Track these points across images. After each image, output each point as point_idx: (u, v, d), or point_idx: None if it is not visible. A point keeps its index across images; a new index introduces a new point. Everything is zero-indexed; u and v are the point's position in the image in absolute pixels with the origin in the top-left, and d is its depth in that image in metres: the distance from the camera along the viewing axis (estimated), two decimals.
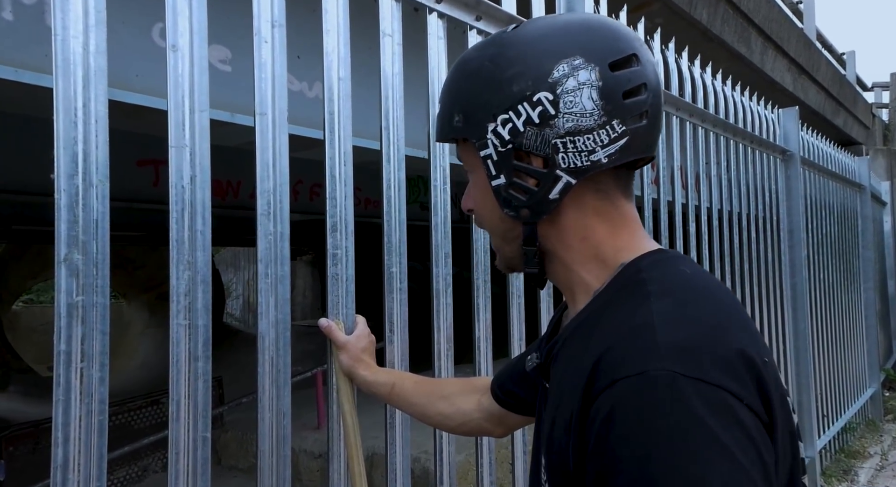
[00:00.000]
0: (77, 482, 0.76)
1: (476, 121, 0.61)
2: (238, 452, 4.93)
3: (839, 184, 4.26)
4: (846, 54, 9.05)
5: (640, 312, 0.53)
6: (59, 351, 0.76)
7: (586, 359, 0.53)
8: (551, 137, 0.58)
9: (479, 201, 0.67)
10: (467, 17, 1.36)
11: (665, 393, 0.46)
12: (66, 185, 0.77)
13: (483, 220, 0.68)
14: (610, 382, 0.49)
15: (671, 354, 0.48)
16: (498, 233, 0.67)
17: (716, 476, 0.44)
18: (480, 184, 0.65)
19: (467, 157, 0.66)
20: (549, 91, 0.57)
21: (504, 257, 0.69)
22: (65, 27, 0.78)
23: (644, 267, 0.59)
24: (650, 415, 0.46)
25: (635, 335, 0.51)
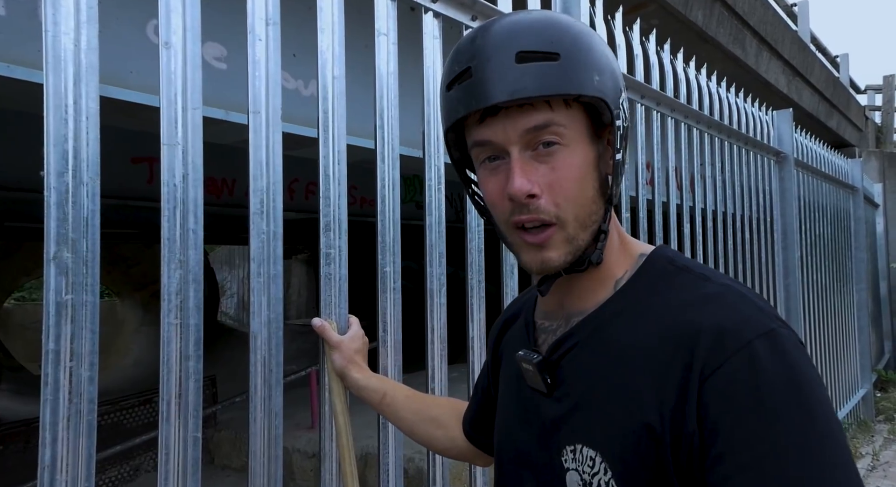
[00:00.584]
0: (65, 482, 0.76)
1: (613, 87, 0.59)
2: (231, 451, 4.92)
3: (832, 186, 4.28)
4: (840, 57, 9.09)
5: (721, 288, 0.57)
6: (48, 350, 0.75)
7: (665, 338, 0.55)
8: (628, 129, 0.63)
9: (574, 178, 0.58)
10: (463, 16, 1.36)
11: (794, 346, 0.53)
12: (55, 183, 0.77)
13: (570, 202, 0.58)
14: (742, 345, 0.51)
15: (774, 315, 0.55)
16: (582, 218, 0.59)
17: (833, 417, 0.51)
18: (579, 159, 0.58)
19: (569, 125, 0.58)
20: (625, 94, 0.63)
21: (576, 248, 0.60)
22: (56, 23, 0.77)
23: (673, 257, 0.63)
24: (796, 366, 0.51)
25: (738, 304, 0.55)
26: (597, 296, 0.63)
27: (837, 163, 4.42)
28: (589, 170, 0.59)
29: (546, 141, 0.57)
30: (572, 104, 0.58)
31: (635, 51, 2.01)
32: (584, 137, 0.59)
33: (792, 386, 0.50)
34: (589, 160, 0.59)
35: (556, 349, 0.63)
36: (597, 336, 0.60)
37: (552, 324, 0.67)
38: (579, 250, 0.60)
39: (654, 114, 2.08)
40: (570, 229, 0.59)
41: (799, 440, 0.48)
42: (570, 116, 0.58)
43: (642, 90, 1.99)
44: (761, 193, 2.97)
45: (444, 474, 1.29)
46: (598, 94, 0.57)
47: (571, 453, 0.59)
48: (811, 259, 3.65)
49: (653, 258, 0.63)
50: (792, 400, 0.49)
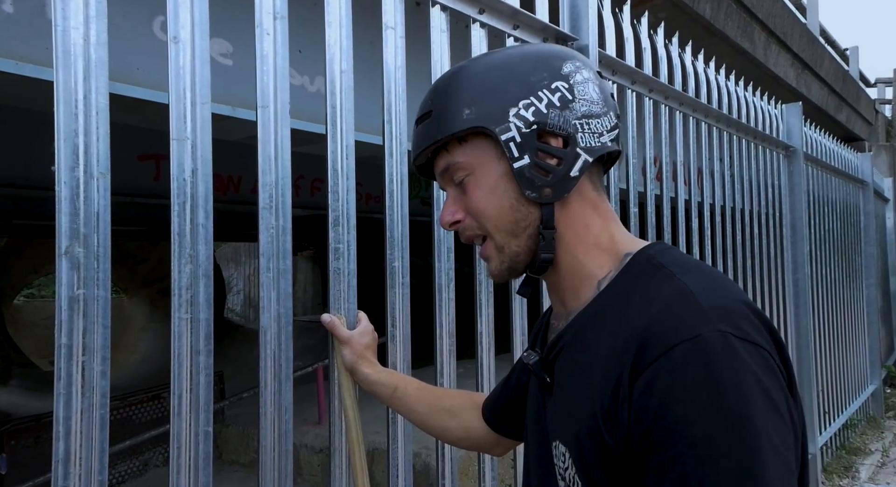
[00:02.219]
0: (78, 475, 0.76)
1: (494, 110, 0.64)
2: (239, 447, 4.95)
3: (842, 181, 4.24)
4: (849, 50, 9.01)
5: (673, 286, 0.57)
6: (61, 345, 0.76)
7: (620, 340, 0.55)
8: (571, 118, 0.64)
9: (483, 197, 0.66)
10: (470, 10, 1.35)
11: (723, 353, 0.50)
12: (66, 178, 0.77)
13: (485, 218, 0.66)
14: (664, 351, 0.51)
15: (717, 317, 0.52)
16: (505, 227, 0.66)
17: (772, 426, 0.49)
18: (485, 179, 0.65)
19: (467, 157, 0.66)
20: (564, 81, 0.65)
21: (510, 254, 0.67)
22: (65, 18, 0.77)
23: (654, 254, 0.63)
24: (715, 373, 0.49)
25: (678, 304, 0.54)
26: (584, 296, 0.65)
27: (847, 158, 4.39)
28: (500, 184, 0.65)
29: (456, 178, 0.68)
30: (467, 138, 0.65)
31: (643, 44, 2.00)
32: (491, 157, 0.65)
33: (707, 396, 0.48)
34: (498, 175, 0.65)
35: (552, 349, 0.66)
36: (578, 336, 0.63)
37: (558, 324, 0.69)
38: (516, 255, 0.66)
39: (663, 108, 2.07)
40: (497, 238, 0.66)
41: (707, 450, 0.48)
42: (469, 148, 0.66)
43: (650, 84, 1.98)
44: (770, 188, 2.95)
45: (452, 469, 1.29)
46: (469, 125, 0.64)
47: (555, 449, 0.63)
48: (820, 254, 3.62)
49: (636, 257, 0.64)
50: (707, 409, 0.48)
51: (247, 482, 4.53)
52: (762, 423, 0.48)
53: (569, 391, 0.62)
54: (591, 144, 0.64)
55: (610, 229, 0.67)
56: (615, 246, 0.66)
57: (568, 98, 0.64)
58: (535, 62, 0.65)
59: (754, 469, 0.47)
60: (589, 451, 0.56)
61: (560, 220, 0.66)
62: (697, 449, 0.48)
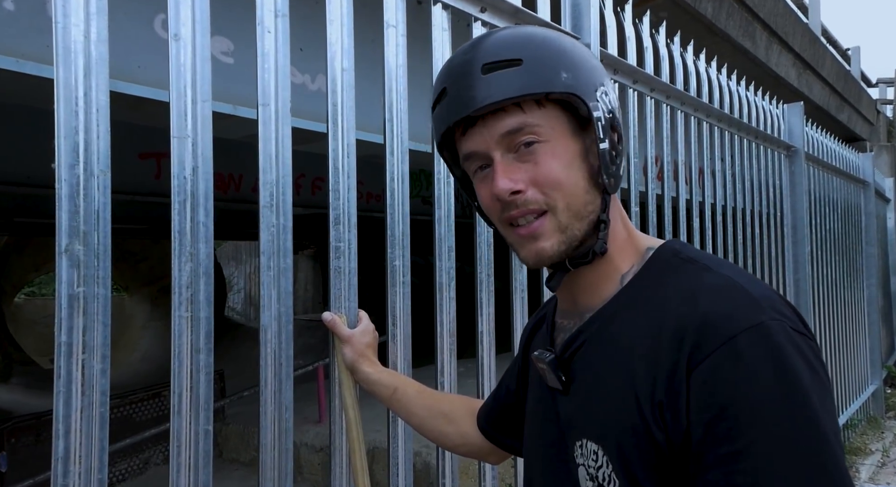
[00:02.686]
0: (78, 474, 0.76)
1: (587, 84, 0.61)
2: (239, 445, 4.95)
3: (843, 181, 4.24)
4: (851, 50, 9.00)
5: (717, 279, 0.56)
6: (60, 343, 0.75)
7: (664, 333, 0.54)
8: (617, 119, 0.64)
9: (560, 170, 0.60)
10: (472, 8, 1.35)
11: (787, 341, 0.50)
12: (67, 175, 0.77)
13: (560, 193, 0.60)
14: (725, 339, 0.50)
15: (770, 307, 0.53)
16: (576, 208, 0.60)
17: (830, 416, 0.50)
18: (563, 151, 0.60)
19: (546, 123, 0.60)
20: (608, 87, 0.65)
21: (570, 237, 0.61)
22: (66, 15, 0.77)
23: (680, 249, 0.62)
24: (782, 360, 0.49)
25: (730, 295, 0.54)
26: (605, 292, 0.63)
27: (848, 158, 4.38)
28: (575, 162, 0.61)
29: (525, 141, 0.60)
30: (545, 103, 0.60)
31: (645, 43, 2.00)
32: (566, 132, 0.61)
33: (776, 383, 0.48)
34: (573, 152, 0.61)
35: (568, 346, 0.64)
36: (603, 332, 0.61)
37: (569, 323, 0.68)
38: (575, 240, 0.61)
39: (664, 107, 2.06)
40: (563, 217, 0.60)
41: (780, 439, 0.47)
42: (546, 115, 0.61)
43: (652, 83, 1.97)
44: (771, 187, 2.94)
45: (453, 468, 1.29)
46: (567, 90, 0.59)
47: (580, 448, 0.61)
48: (821, 254, 3.62)
49: (660, 251, 0.63)
50: (776, 398, 0.48)
51: (247, 480, 4.53)
52: (825, 413, 0.49)
53: (597, 388, 0.60)
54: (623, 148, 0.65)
55: (629, 226, 0.67)
56: (636, 242, 0.66)
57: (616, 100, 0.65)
58: (593, 56, 0.65)
59: (826, 460, 0.47)
60: (633, 449, 0.54)
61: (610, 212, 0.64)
62: (771, 440, 0.47)
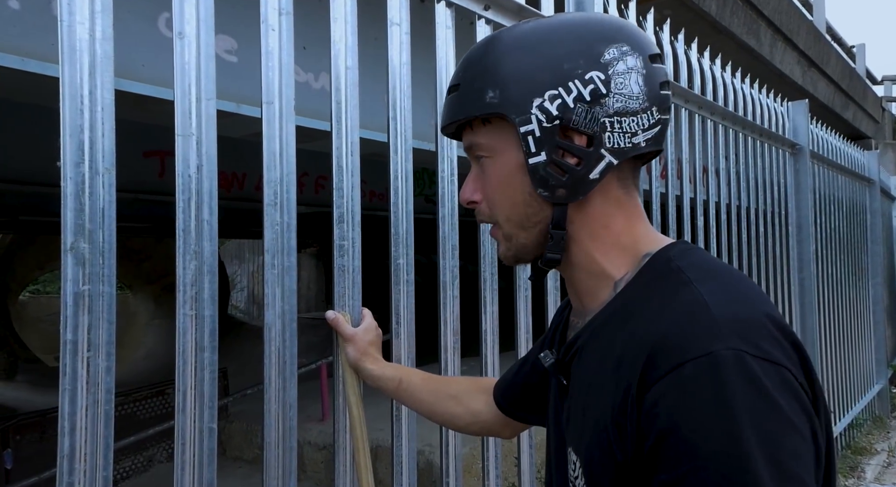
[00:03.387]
0: (83, 471, 0.76)
1: (517, 97, 0.59)
2: (243, 443, 4.96)
3: (848, 179, 4.22)
4: (856, 47, 8.95)
5: (688, 295, 0.53)
6: (66, 341, 0.76)
7: (630, 349, 0.52)
8: (600, 115, 0.59)
9: (497, 185, 0.63)
10: (475, 6, 1.35)
11: (737, 374, 0.47)
12: (72, 173, 0.77)
13: (498, 207, 0.64)
14: (673, 366, 0.48)
15: (732, 333, 0.49)
16: (516, 219, 0.63)
17: (788, 451, 0.46)
18: (503, 167, 0.62)
19: (489, 140, 0.63)
20: (602, 71, 0.59)
21: (517, 245, 0.65)
22: (71, 13, 0.77)
23: (674, 256, 0.59)
24: (727, 395, 0.46)
25: (691, 316, 0.51)
26: (601, 296, 0.62)
27: (853, 155, 4.36)
28: (516, 175, 0.62)
29: (478, 155, 0.65)
30: (491, 119, 0.62)
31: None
32: (510, 146, 0.61)
33: (717, 419, 0.46)
34: (514, 165, 0.62)
35: (568, 350, 0.64)
36: (593, 339, 0.60)
37: (578, 322, 0.67)
38: (523, 247, 0.64)
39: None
40: (506, 228, 0.64)
41: (709, 475, 0.45)
42: (491, 131, 0.62)
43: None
44: (776, 186, 2.93)
45: (456, 466, 1.29)
46: (489, 110, 0.60)
47: (569, 455, 0.61)
48: (826, 252, 3.60)
49: (655, 258, 0.60)
50: (715, 433, 0.46)
51: (250, 478, 4.54)
52: (774, 449, 0.46)
53: (582, 398, 0.59)
54: (620, 145, 0.59)
55: (634, 229, 0.63)
56: (636, 247, 0.62)
57: (601, 92, 0.58)
58: (575, 44, 0.59)
59: None
60: (598, 465, 0.54)
61: (575, 219, 0.62)
62: (701, 474, 0.46)
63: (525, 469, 1.45)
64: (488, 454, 1.36)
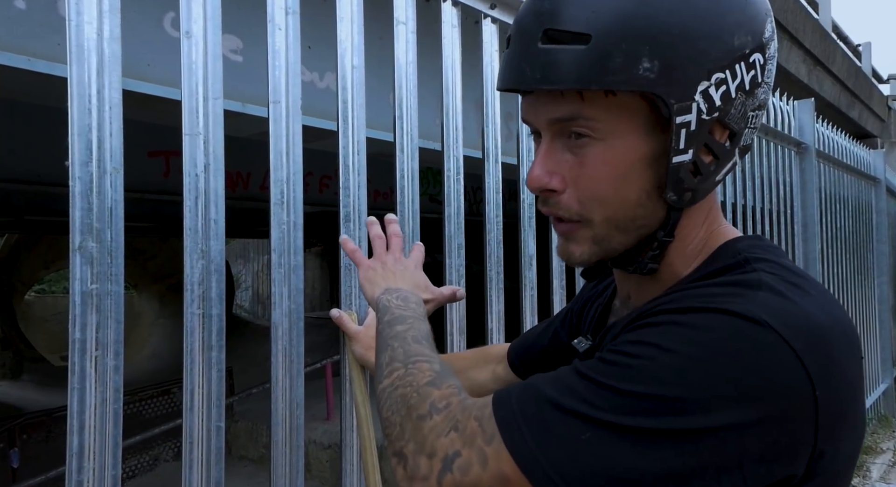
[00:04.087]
0: (92, 469, 0.76)
1: (682, 76, 0.46)
2: (248, 442, 4.98)
3: (854, 177, 4.20)
4: (862, 46, 8.91)
5: (746, 277, 0.47)
6: (74, 339, 0.76)
7: None
8: (749, 108, 0.49)
9: (608, 178, 0.50)
10: (482, 5, 1.34)
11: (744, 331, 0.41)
12: (80, 173, 0.77)
13: (600, 203, 0.51)
14: (681, 308, 0.43)
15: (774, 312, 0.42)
16: (619, 221, 0.51)
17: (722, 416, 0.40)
18: (621, 156, 0.49)
19: (607, 117, 0.49)
20: (762, 53, 0.48)
21: (607, 249, 0.53)
22: (79, 13, 0.77)
23: (742, 249, 0.51)
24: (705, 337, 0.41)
25: (738, 291, 0.45)
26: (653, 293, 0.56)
27: (859, 154, 4.34)
28: (636, 169, 0.49)
29: (576, 131, 0.50)
30: (617, 91, 0.48)
31: None
32: (636, 129, 0.49)
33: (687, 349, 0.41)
34: (636, 157, 0.49)
35: (605, 337, 0.59)
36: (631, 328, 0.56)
37: (623, 311, 0.61)
38: (613, 252, 0.54)
39: None
40: (599, 230, 0.52)
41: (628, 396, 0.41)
42: (611, 107, 0.48)
43: None
44: (781, 185, 2.92)
45: None
46: (640, 87, 0.46)
47: None
48: (832, 251, 3.59)
49: (720, 250, 0.53)
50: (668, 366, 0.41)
51: (255, 477, 4.56)
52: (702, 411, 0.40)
53: None
54: (747, 142, 0.51)
55: (713, 228, 0.55)
56: (709, 241, 0.55)
57: (758, 80, 0.48)
58: (743, 12, 0.47)
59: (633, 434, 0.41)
60: None
61: (679, 226, 0.53)
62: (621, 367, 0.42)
63: None
64: None
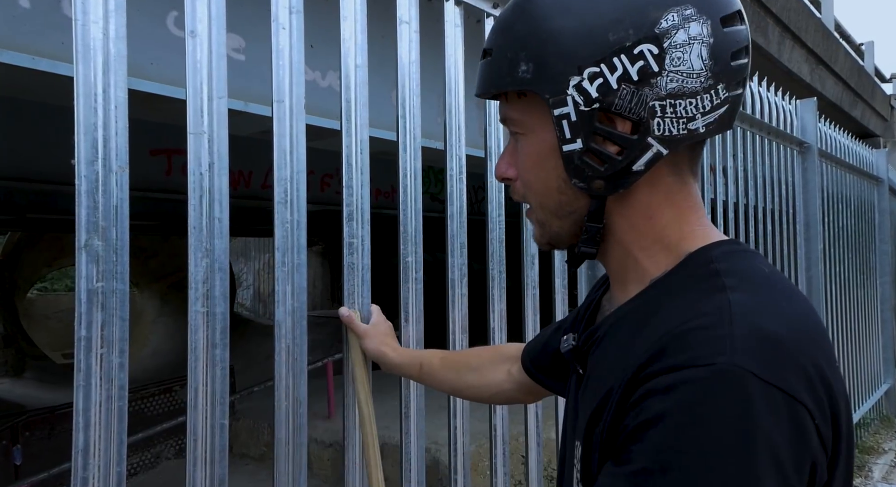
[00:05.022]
0: (98, 466, 0.77)
1: (553, 73, 0.51)
2: (249, 440, 4.99)
3: (856, 177, 4.19)
4: (865, 45, 8.89)
5: (715, 301, 0.48)
6: (80, 337, 0.76)
7: (641, 346, 0.49)
8: (650, 98, 0.50)
9: (530, 167, 0.57)
10: (484, 4, 1.35)
11: (733, 394, 0.42)
12: (86, 171, 0.77)
13: (531, 190, 0.58)
14: (670, 367, 0.45)
15: (749, 351, 0.44)
16: (550, 207, 0.58)
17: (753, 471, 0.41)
18: (536, 147, 0.56)
19: (522, 115, 0.56)
20: (655, 44, 0.50)
21: (550, 233, 0.60)
22: (85, 13, 0.78)
23: (716, 257, 0.53)
24: (709, 413, 0.42)
25: (709, 324, 0.46)
26: (630, 292, 0.58)
27: (862, 154, 4.33)
28: (549, 159, 0.55)
29: (510, 129, 0.59)
30: (527, 93, 0.55)
31: None
32: (545, 124, 0.54)
33: (690, 438, 0.42)
34: (548, 147, 0.55)
35: (588, 339, 0.61)
36: (611, 332, 0.57)
37: (608, 308, 0.63)
38: (556, 236, 0.59)
39: None
40: (539, 213, 0.59)
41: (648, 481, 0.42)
42: (525, 105, 0.56)
43: None
44: (784, 184, 2.92)
45: (464, 464, 1.29)
46: (519, 86, 0.54)
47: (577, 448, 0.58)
48: (834, 251, 3.59)
49: (694, 256, 0.54)
50: (678, 447, 0.42)
51: (256, 475, 4.57)
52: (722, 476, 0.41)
53: (594, 389, 0.55)
54: (672, 132, 0.51)
55: (683, 223, 0.56)
56: (681, 244, 0.55)
57: (652, 70, 0.50)
58: (625, 9, 0.50)
59: None
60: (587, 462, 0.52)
61: (614, 211, 0.56)
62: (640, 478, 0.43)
63: (532, 466, 1.45)
64: (496, 451, 1.36)
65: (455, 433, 1.28)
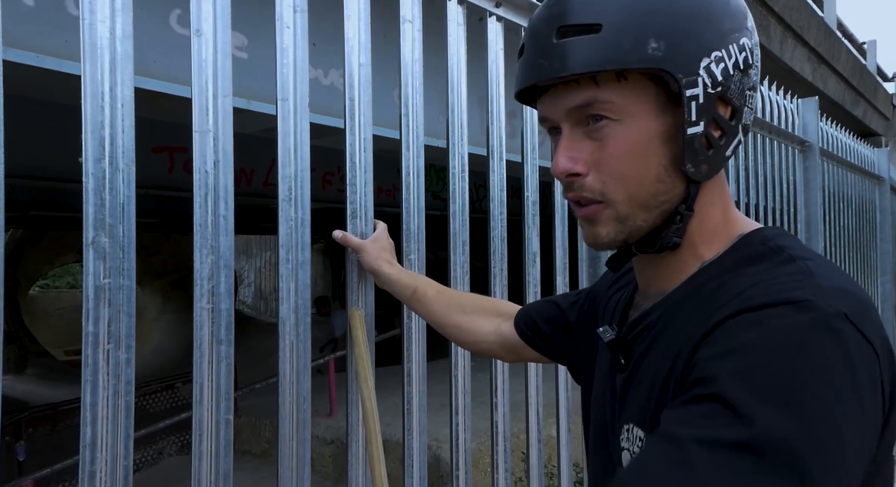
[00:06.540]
0: (105, 460, 0.78)
1: (685, 53, 0.51)
2: (251, 437, 5.01)
3: (858, 176, 4.20)
4: (867, 43, 8.88)
5: (791, 267, 0.49)
6: (87, 333, 0.77)
7: (709, 312, 0.48)
8: (746, 87, 0.55)
9: (624, 156, 0.54)
10: (487, 3, 1.35)
11: (832, 332, 0.42)
12: (93, 169, 0.78)
13: (619, 181, 0.54)
14: (761, 305, 0.44)
15: (839, 298, 0.44)
16: (640, 197, 0.55)
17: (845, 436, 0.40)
18: (635, 135, 0.53)
19: (623, 99, 0.53)
20: (749, 39, 0.55)
21: (632, 228, 0.56)
22: (92, 12, 0.78)
23: (773, 236, 0.55)
24: (811, 345, 0.41)
25: (790, 280, 0.47)
26: (680, 278, 0.58)
27: (863, 153, 4.33)
28: (652, 146, 0.54)
29: (594, 115, 0.54)
30: (628, 74, 0.52)
31: None
32: (649, 109, 0.53)
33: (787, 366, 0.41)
34: (652, 135, 0.53)
35: (632, 328, 0.60)
36: (665, 317, 0.56)
37: (643, 303, 0.63)
38: (638, 230, 0.56)
39: None
40: (622, 208, 0.55)
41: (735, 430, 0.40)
42: (625, 89, 0.53)
43: None
44: (785, 183, 2.92)
45: (466, 460, 1.30)
46: (650, 65, 0.51)
47: (626, 432, 0.58)
48: (835, 250, 3.59)
49: (748, 237, 0.56)
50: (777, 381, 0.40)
51: (258, 471, 4.58)
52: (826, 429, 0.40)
53: (648, 373, 0.55)
54: (748, 121, 0.56)
55: (728, 211, 0.59)
56: (730, 227, 0.58)
57: (749, 61, 0.54)
58: (727, 5, 0.54)
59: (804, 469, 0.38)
60: None
61: (698, 201, 0.57)
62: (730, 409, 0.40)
63: (533, 463, 1.46)
64: (497, 448, 1.37)
65: (457, 430, 1.28)
